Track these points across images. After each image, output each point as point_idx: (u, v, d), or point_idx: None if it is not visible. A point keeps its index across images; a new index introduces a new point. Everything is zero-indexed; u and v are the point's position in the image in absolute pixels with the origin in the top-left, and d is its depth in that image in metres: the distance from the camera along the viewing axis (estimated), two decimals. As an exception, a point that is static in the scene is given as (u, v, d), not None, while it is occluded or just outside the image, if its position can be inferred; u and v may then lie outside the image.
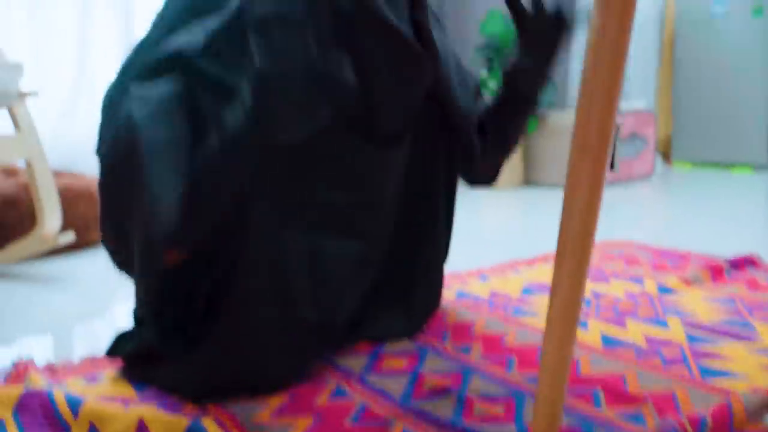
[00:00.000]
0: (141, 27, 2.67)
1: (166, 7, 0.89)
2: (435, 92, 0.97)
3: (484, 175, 1.12)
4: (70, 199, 1.91)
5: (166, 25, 0.87)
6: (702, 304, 1.25)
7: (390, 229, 0.99)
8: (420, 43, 0.93)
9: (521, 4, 0.99)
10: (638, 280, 1.42)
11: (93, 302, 1.39)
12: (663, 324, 1.13)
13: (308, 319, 0.86)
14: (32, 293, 1.47)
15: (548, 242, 1.94)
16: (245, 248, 0.82)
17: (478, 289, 1.36)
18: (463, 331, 1.10)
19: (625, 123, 3.34)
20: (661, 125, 4.38)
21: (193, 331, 0.86)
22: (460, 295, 1.32)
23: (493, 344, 1.04)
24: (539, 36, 0.99)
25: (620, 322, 1.14)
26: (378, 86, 0.86)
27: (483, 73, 3.20)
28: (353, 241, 0.90)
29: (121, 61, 2.58)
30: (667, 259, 1.62)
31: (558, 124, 3.25)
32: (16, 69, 1.63)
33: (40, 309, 1.35)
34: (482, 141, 1.06)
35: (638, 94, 4.07)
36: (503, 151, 1.08)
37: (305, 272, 0.85)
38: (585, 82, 0.62)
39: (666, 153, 4.36)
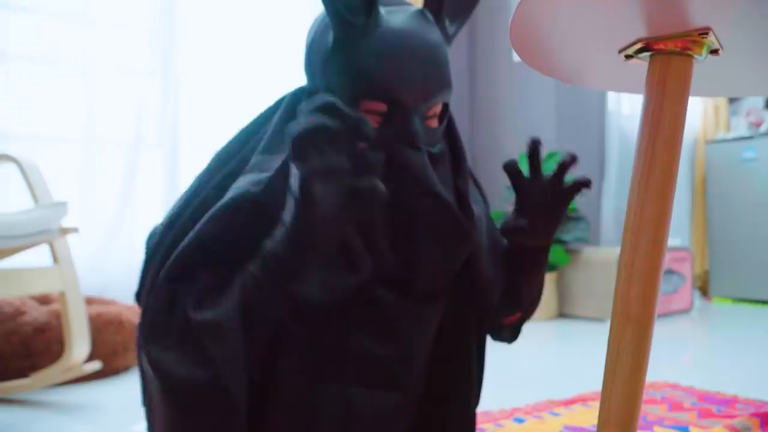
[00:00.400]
0: (186, 168, 2.75)
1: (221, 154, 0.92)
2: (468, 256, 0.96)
3: (505, 332, 1.07)
4: (99, 326, 1.91)
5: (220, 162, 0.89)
6: (754, 458, 1.16)
7: (423, 378, 0.95)
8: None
9: (521, 173, 0.93)
10: (683, 429, 1.33)
11: (115, 433, 1.36)
12: (713, 480, 1.05)
13: None
14: (57, 422, 1.45)
15: (584, 377, 1.86)
16: (274, 400, 0.79)
17: (512, 434, 1.29)
18: (495, 482, 1.03)
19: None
20: (698, 261, 4.31)
21: None
22: (493, 439, 1.25)
23: (529, 498, 0.97)
24: (538, 204, 0.93)
25: (666, 477, 1.06)
26: (422, 254, 0.86)
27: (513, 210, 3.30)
28: (387, 392, 0.86)
29: (168, 202, 2.66)
30: (713, 405, 1.53)
31: (591, 258, 3.24)
32: (61, 207, 1.69)
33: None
34: (503, 303, 1.02)
35: (673, 231, 4.04)
36: (520, 309, 1.03)
37: (337, 427, 0.81)
38: (624, 263, 0.59)
39: (704, 288, 4.26)
